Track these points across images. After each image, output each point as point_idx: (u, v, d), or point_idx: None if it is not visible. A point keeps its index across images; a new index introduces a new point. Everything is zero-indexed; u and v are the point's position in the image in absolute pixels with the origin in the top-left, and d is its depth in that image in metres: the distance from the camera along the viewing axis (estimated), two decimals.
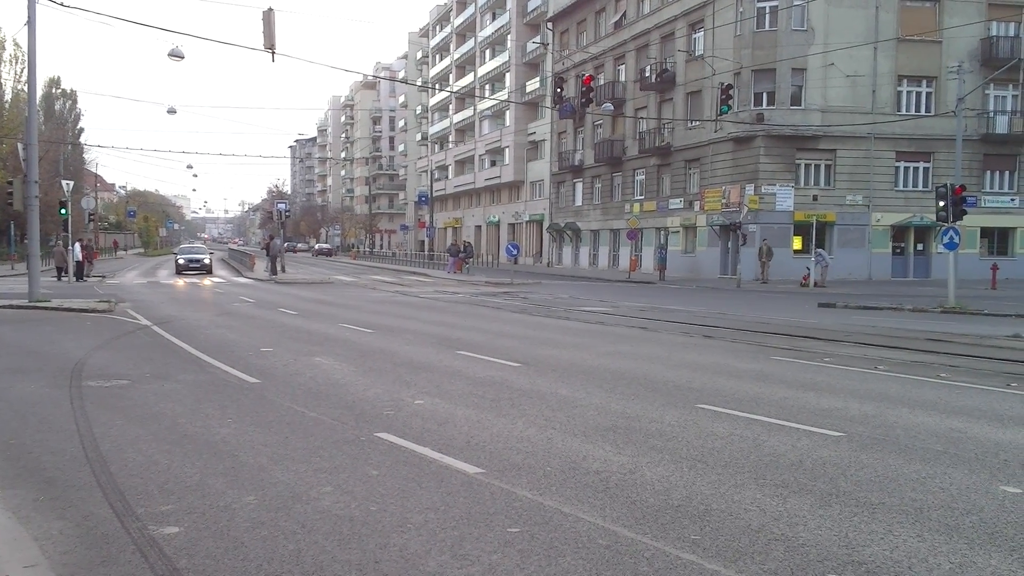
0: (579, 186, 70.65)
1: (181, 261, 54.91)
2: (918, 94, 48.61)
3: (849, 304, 30.97)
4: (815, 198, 47.60)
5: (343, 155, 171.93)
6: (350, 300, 32.42)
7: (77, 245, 45.42)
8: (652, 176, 59.03)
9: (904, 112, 48.06)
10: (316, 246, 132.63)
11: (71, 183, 44.13)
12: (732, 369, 14.67)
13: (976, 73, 45.02)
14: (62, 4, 24.30)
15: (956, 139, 33.63)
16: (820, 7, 45.85)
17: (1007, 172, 49.97)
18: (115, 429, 9.84)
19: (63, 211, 41.92)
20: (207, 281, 44.84)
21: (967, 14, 46.71)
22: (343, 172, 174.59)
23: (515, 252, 50.54)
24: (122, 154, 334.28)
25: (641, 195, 60.62)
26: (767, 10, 47.00)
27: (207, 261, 55.36)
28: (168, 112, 54.49)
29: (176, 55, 32.19)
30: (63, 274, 44.51)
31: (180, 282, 44.52)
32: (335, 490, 7.44)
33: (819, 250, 44.34)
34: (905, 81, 48.38)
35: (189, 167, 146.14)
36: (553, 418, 10.48)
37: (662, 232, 57.23)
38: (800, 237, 47.27)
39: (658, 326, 22.48)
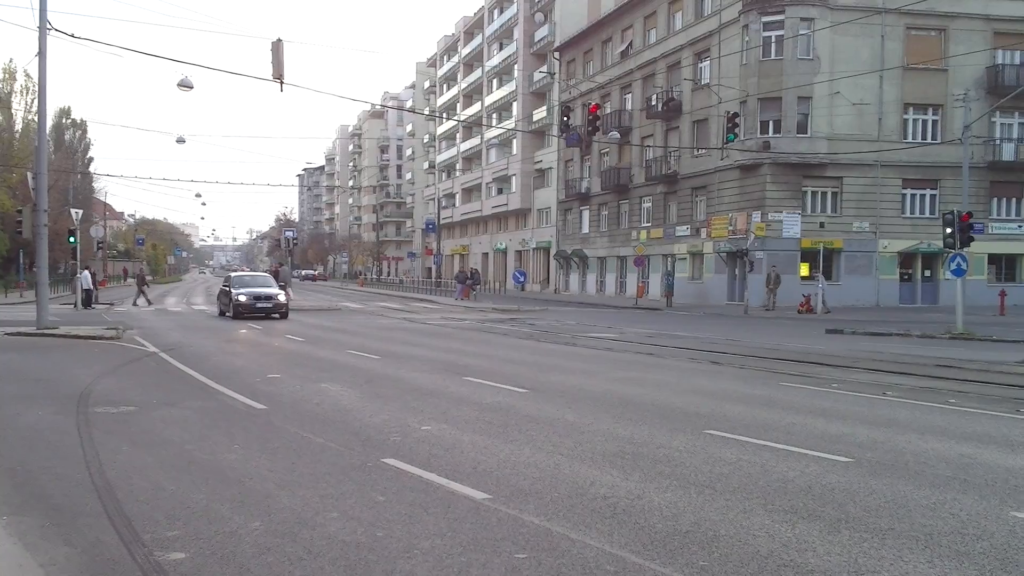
0: (586, 213, 70.62)
1: (243, 299, 36.19)
2: (924, 122, 48.62)
3: (857, 330, 30.90)
4: (822, 225, 47.57)
5: (351, 183, 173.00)
6: (357, 327, 32.46)
7: (86, 272, 45.56)
8: (659, 203, 59.06)
9: (910, 140, 48.07)
10: (303, 272, 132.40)
11: (80, 212, 44.33)
12: (740, 395, 14.63)
13: (982, 101, 45.04)
14: (73, 36, 24.55)
15: (963, 166, 33.67)
16: (826, 36, 45.99)
17: (1014, 199, 49.90)
18: (122, 455, 9.83)
19: (72, 239, 42.09)
20: (214, 309, 44.81)
21: (973, 42, 46.84)
22: (351, 200, 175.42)
23: (522, 279, 50.68)
24: (131, 183, 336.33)
25: (648, 222, 60.66)
26: (772, 39, 47.14)
27: (281, 299, 37.03)
28: (177, 141, 54.89)
29: (185, 85, 32.40)
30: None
31: (188, 310, 44.41)
32: (341, 516, 7.42)
33: (819, 275, 44.42)
34: (911, 109, 48.41)
35: (197, 195, 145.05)
36: (560, 444, 10.44)
37: (669, 259, 57.15)
38: (807, 264, 47.19)
39: (665, 352, 22.45)
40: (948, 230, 29.93)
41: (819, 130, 46.88)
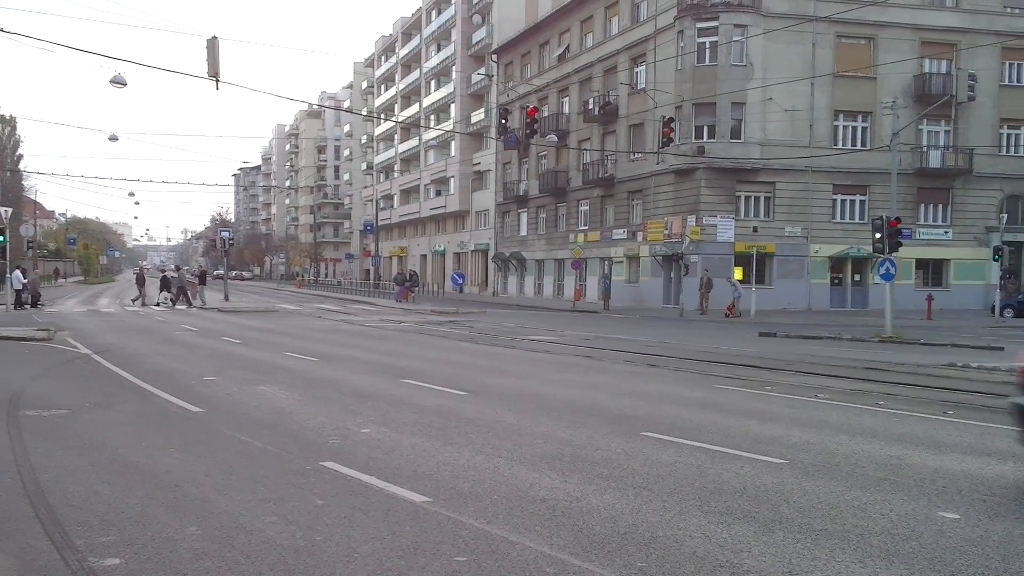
0: (524, 216, 70.79)
1: None
2: (854, 128, 49.55)
3: (789, 334, 31.40)
4: (755, 229, 48.26)
5: (288, 184, 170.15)
6: (295, 328, 32.21)
7: (17, 272, 44.58)
8: (596, 207, 59.40)
9: (841, 146, 48.98)
10: (214, 272, 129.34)
11: (9, 210, 43.27)
12: (676, 397, 14.80)
13: (910, 108, 46.06)
14: (1, 30, 23.99)
15: (891, 173, 34.35)
16: (759, 43, 46.67)
17: (940, 205, 51.08)
18: (54, 459, 9.67)
19: (1, 238, 41.12)
20: (148, 310, 44.14)
21: (901, 51, 47.83)
22: (288, 201, 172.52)
23: (461, 281, 50.64)
24: (63, 181, 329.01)
25: (585, 225, 60.92)
26: (707, 45, 47.70)
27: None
28: (110, 139, 54.17)
29: (118, 82, 31.92)
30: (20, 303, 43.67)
31: (121, 311, 43.72)
32: (280, 520, 7.37)
33: (733, 280, 44.93)
34: (842, 116, 49.31)
35: (131, 195, 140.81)
36: (500, 446, 10.49)
37: (606, 262, 57.44)
38: (741, 268, 47.76)
39: (603, 355, 22.62)
40: (877, 235, 30.56)
41: (752, 136, 47.55)
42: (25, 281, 45.05)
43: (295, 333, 29.87)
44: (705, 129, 47.88)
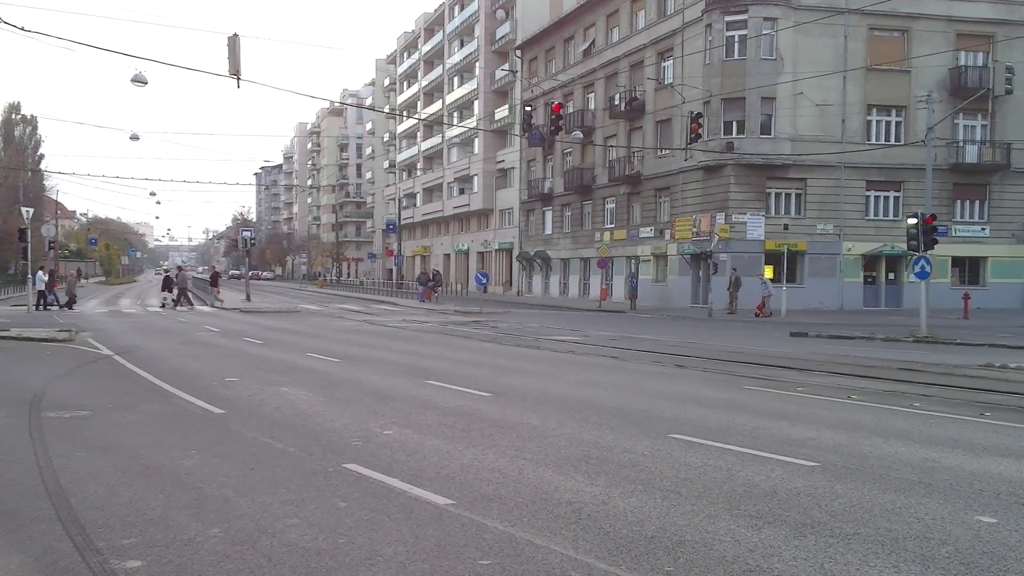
0: (549, 214, 70.23)
1: None
2: (888, 123, 48.99)
3: (821, 333, 31.04)
4: (786, 227, 47.82)
5: (309, 182, 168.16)
6: (316, 329, 32.18)
7: (40, 272, 44.86)
8: (622, 204, 58.95)
9: (874, 141, 48.39)
10: (231, 272, 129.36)
11: (31, 211, 43.48)
12: (704, 398, 14.61)
13: (945, 103, 45.31)
14: (23, 29, 24.08)
15: (926, 169, 33.88)
16: (789, 36, 46.23)
17: (977, 202, 50.37)
18: (76, 461, 9.63)
19: (23, 239, 41.30)
20: (171, 311, 44.02)
21: (935, 44, 47.26)
22: (309, 199, 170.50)
23: (484, 281, 50.13)
24: (83, 181, 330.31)
25: (611, 223, 60.41)
26: (736, 39, 47.29)
27: None
28: (131, 139, 54.50)
29: (139, 81, 32.03)
30: (43, 304, 43.96)
31: (143, 311, 43.77)
32: (302, 523, 7.28)
33: (764, 279, 44.46)
34: (874, 110, 48.75)
35: (152, 194, 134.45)
36: (524, 448, 10.35)
37: (633, 261, 56.93)
38: (771, 266, 47.37)
39: (629, 355, 22.42)
40: (912, 233, 30.10)
41: (783, 131, 47.14)
42: (47, 280, 45.25)
43: (317, 334, 29.84)
44: (734, 124, 47.50)
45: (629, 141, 57.59)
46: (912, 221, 30.31)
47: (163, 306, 47.72)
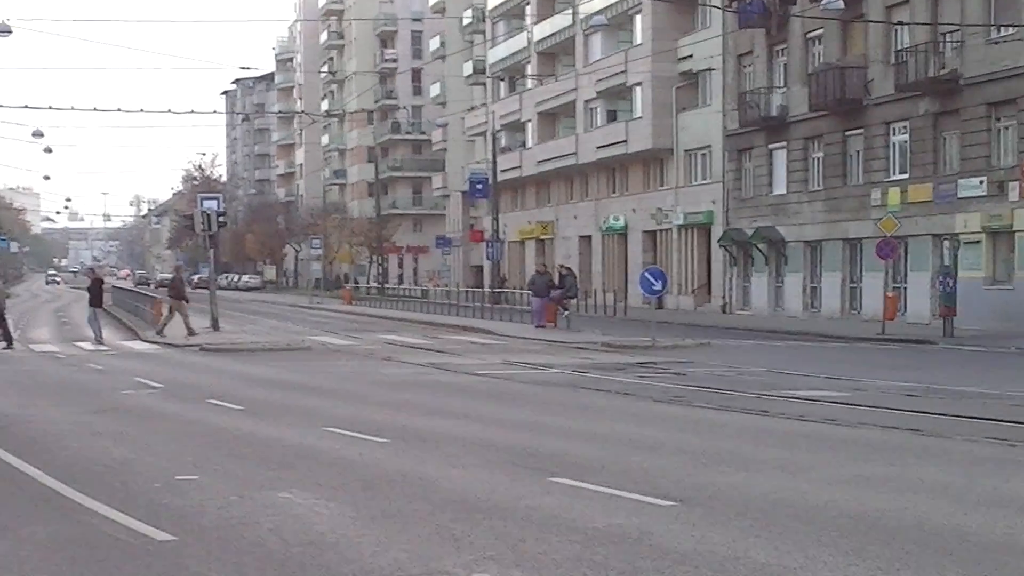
0: (779, 158, 42.56)
1: None
2: None
3: None
4: None
5: (325, 106, 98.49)
6: (343, 381, 21.16)
7: None
8: (924, 135, 35.12)
9: None
10: (158, 276, 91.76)
11: None
12: None
13: None
14: None
15: None
16: None
17: None
18: None
19: None
20: (72, 350, 29.32)
21: None
22: (326, 140, 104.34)
23: (660, 287, 29.64)
24: None
25: (902, 173, 36.31)
26: None
27: None
28: None
29: None
30: None
31: (26, 351, 29.21)
32: None
33: None
34: None
35: (36, 135, 52.27)
36: None
37: (946, 243, 34.04)
38: None
39: (942, 427, 13.73)
40: None
41: None
42: None
43: (344, 390, 19.41)
44: None
45: (934, 15, 34.10)
46: None
47: (97, 340, 30.49)
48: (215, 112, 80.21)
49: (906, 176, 35.76)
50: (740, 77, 44.15)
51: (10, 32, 27.36)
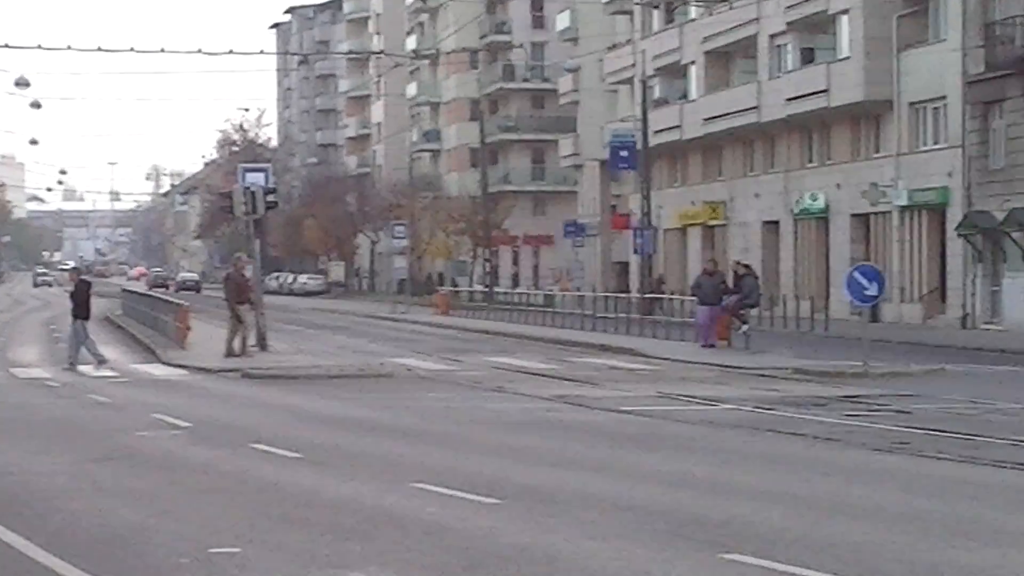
0: None
1: None
2: None
3: None
4: None
5: (411, 45, 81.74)
6: (437, 420, 16.95)
7: None
8: None
9: None
10: (180, 276, 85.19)
11: None
12: None
13: None
14: None
15: None
16: None
17: None
18: None
19: None
20: (68, 376, 24.00)
21: None
22: (412, 90, 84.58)
23: (873, 291, 25.89)
24: None
25: None
26: None
27: None
28: None
29: None
30: None
31: (5, 377, 24.15)
32: None
33: None
34: None
35: (20, 85, 40.01)
36: None
37: None
38: None
39: None
40: None
41: None
42: None
43: (439, 432, 15.40)
44: None
45: None
46: None
47: (71, 365, 24.58)
48: (262, 52, 48.74)
49: None
50: (987, 1, 34.12)
51: None
